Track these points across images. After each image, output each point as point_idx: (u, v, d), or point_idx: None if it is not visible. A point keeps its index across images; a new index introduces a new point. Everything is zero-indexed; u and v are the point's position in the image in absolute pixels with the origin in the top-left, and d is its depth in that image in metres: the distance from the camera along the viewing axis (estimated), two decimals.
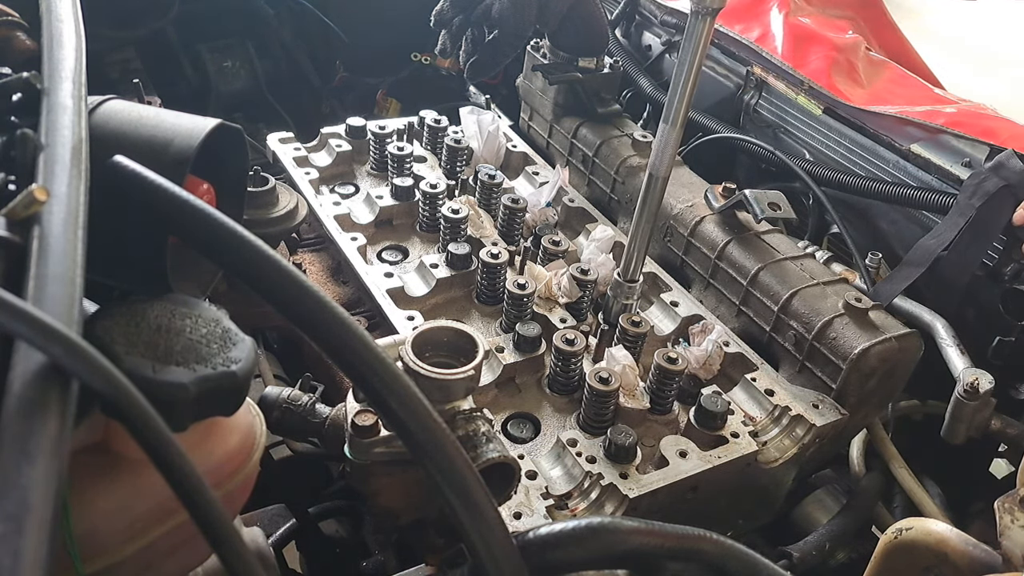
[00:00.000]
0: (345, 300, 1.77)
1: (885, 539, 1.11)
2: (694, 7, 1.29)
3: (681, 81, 1.36)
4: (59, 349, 0.55)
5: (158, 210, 0.70)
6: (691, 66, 1.34)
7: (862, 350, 1.45)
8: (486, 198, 1.88)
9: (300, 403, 1.34)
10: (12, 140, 0.71)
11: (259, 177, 1.63)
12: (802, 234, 1.97)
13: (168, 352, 0.70)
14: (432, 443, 0.74)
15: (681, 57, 1.34)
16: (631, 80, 2.33)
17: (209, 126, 0.81)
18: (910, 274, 1.64)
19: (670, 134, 1.41)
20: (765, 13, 2.20)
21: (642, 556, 0.85)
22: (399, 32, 2.83)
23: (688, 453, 1.35)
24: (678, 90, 1.36)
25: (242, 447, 0.85)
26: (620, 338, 1.55)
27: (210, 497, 0.61)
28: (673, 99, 1.38)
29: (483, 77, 1.96)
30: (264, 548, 1.11)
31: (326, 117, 2.98)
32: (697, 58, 1.33)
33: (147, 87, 2.34)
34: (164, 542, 0.79)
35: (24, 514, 0.49)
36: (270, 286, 0.70)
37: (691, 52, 1.33)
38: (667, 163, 1.44)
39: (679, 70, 1.35)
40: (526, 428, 1.46)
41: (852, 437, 1.71)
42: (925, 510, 1.56)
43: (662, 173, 1.45)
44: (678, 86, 1.36)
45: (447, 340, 1.18)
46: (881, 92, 1.99)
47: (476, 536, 0.75)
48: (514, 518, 1.22)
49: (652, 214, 1.49)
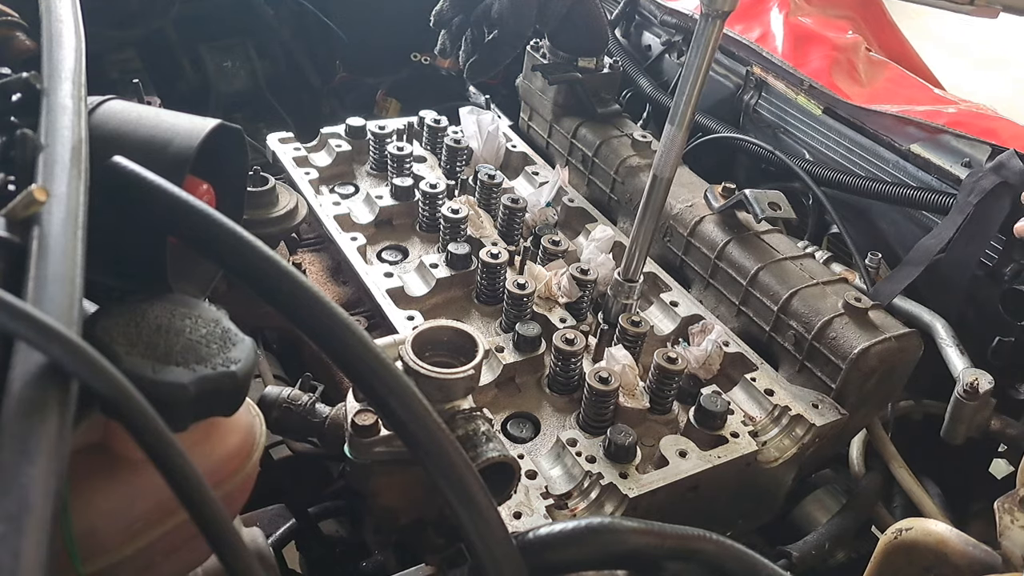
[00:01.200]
0: (345, 300, 1.77)
1: (885, 539, 1.11)
2: (704, 9, 1.29)
3: (688, 83, 1.35)
4: (59, 349, 0.55)
5: (158, 210, 0.70)
6: (699, 69, 1.33)
7: (862, 350, 1.45)
8: (486, 198, 1.88)
9: (300, 403, 1.34)
10: (12, 140, 0.71)
11: (259, 177, 1.63)
12: (802, 234, 1.97)
13: (168, 352, 0.70)
14: (432, 443, 0.74)
15: (689, 60, 1.34)
16: (631, 80, 2.33)
17: (209, 126, 0.81)
18: (910, 273, 1.64)
19: (676, 136, 1.40)
20: (765, 13, 2.20)
21: (642, 556, 0.85)
22: (399, 32, 2.83)
23: (688, 453, 1.35)
24: (685, 92, 1.35)
25: (242, 447, 0.85)
26: (620, 338, 1.55)
27: (210, 497, 0.61)
28: (680, 101, 1.37)
29: (483, 77, 1.96)
30: (264, 548, 1.11)
31: (326, 117, 2.97)
32: (706, 61, 1.32)
33: (147, 87, 2.34)
34: (164, 542, 0.79)
35: (24, 514, 0.49)
36: (270, 287, 0.70)
37: (699, 55, 1.32)
38: (672, 165, 1.43)
39: (687, 72, 1.34)
40: (526, 428, 1.46)
41: (852, 437, 1.71)
42: (925, 510, 1.56)
43: (667, 174, 1.44)
44: (685, 88, 1.35)
45: (447, 340, 1.18)
46: (882, 92, 1.99)
47: (476, 536, 0.75)
48: (514, 518, 1.22)
49: (655, 215, 1.49)
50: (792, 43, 2.09)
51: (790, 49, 2.08)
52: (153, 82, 2.54)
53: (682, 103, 1.37)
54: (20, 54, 1.39)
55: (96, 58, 2.54)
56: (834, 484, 1.70)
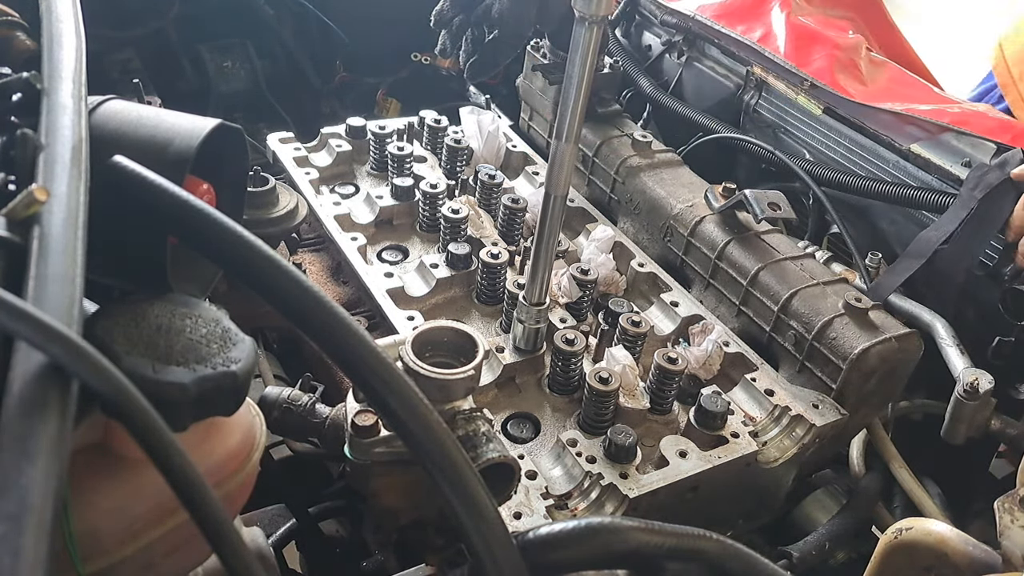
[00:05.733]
0: (345, 300, 1.77)
1: (885, 539, 1.11)
2: (579, 14, 1.18)
3: (572, 94, 1.25)
4: (59, 349, 0.55)
5: (158, 210, 0.70)
6: (580, 78, 1.23)
7: (862, 350, 1.45)
8: (486, 198, 1.88)
9: (300, 403, 1.34)
10: (12, 140, 0.71)
11: (259, 177, 1.63)
12: (802, 234, 1.97)
13: (168, 352, 0.70)
14: (432, 443, 0.74)
15: (568, 70, 1.24)
16: (631, 80, 2.33)
17: (209, 126, 0.81)
18: (911, 266, 1.64)
19: (564, 150, 1.29)
20: (767, 13, 2.20)
21: (642, 556, 0.85)
22: (399, 32, 2.82)
23: (688, 453, 1.35)
24: (570, 104, 1.25)
25: (242, 447, 0.85)
26: (620, 338, 1.55)
27: (210, 497, 0.61)
28: (565, 113, 1.26)
29: (483, 77, 1.96)
30: (264, 548, 1.11)
31: (326, 117, 2.97)
32: (587, 70, 1.22)
33: (147, 87, 2.34)
34: (164, 542, 0.79)
35: (24, 514, 0.49)
36: (270, 287, 0.70)
37: (579, 63, 1.22)
38: (564, 181, 1.32)
39: (567, 84, 1.25)
40: (526, 428, 1.46)
41: (852, 437, 1.71)
42: (925, 510, 1.56)
43: (560, 192, 1.33)
44: (569, 99, 1.25)
45: (447, 340, 1.18)
46: (884, 92, 1.99)
47: (476, 536, 0.75)
48: (514, 518, 1.22)
49: (554, 234, 1.38)
50: (794, 43, 2.09)
51: (792, 49, 2.07)
52: (153, 82, 2.54)
53: (568, 115, 1.27)
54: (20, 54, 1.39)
55: (96, 58, 2.54)
56: (834, 484, 1.70)
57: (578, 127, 1.28)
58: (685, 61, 2.33)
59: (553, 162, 1.32)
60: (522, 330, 1.51)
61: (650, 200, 1.86)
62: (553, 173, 1.32)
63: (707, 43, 2.27)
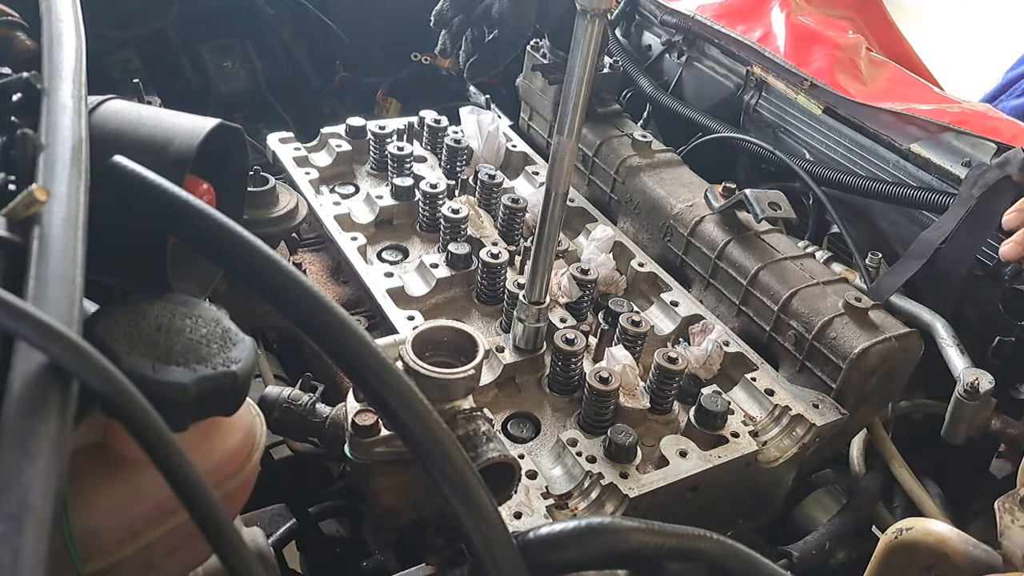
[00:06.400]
0: (345, 300, 1.77)
1: (885, 539, 1.11)
2: (580, 7, 1.17)
3: (573, 90, 1.24)
4: (59, 349, 0.55)
5: (158, 210, 0.70)
6: (581, 73, 1.22)
7: (862, 350, 1.45)
8: (486, 198, 1.88)
9: (300, 403, 1.34)
10: (12, 140, 0.71)
11: (259, 177, 1.63)
12: (802, 234, 1.97)
13: (168, 352, 0.70)
14: (432, 443, 0.74)
15: (570, 65, 1.23)
16: (631, 80, 2.33)
17: (209, 126, 0.81)
18: (912, 266, 1.64)
19: (565, 145, 1.28)
20: (767, 13, 2.20)
21: (642, 556, 0.85)
22: (399, 32, 2.82)
23: (688, 453, 1.35)
24: (571, 99, 1.25)
25: (242, 447, 0.85)
26: (620, 338, 1.55)
27: (210, 497, 0.61)
28: (566, 109, 1.26)
29: (483, 77, 1.96)
30: (264, 548, 1.11)
31: (326, 117, 2.97)
32: (588, 64, 1.22)
33: (147, 87, 2.34)
34: (164, 542, 0.79)
35: (24, 514, 0.49)
36: (270, 286, 0.70)
37: (580, 58, 1.21)
38: (565, 177, 1.31)
39: (568, 79, 1.24)
40: (526, 428, 1.46)
41: (852, 437, 1.71)
42: (925, 510, 1.56)
43: (560, 189, 1.32)
44: (570, 95, 1.24)
45: (447, 340, 1.18)
46: (884, 92, 1.99)
47: (476, 536, 0.75)
48: (514, 518, 1.22)
49: (555, 232, 1.38)
50: (794, 43, 2.09)
51: (792, 49, 2.07)
52: (153, 82, 2.54)
53: (569, 111, 1.26)
54: (20, 54, 1.39)
55: (96, 58, 2.54)
56: (834, 484, 1.70)
57: (579, 123, 1.28)
58: (685, 61, 2.33)
59: (554, 158, 1.31)
60: (522, 330, 1.51)
61: (650, 200, 1.86)
62: (554, 170, 1.32)
63: (707, 43, 2.27)
